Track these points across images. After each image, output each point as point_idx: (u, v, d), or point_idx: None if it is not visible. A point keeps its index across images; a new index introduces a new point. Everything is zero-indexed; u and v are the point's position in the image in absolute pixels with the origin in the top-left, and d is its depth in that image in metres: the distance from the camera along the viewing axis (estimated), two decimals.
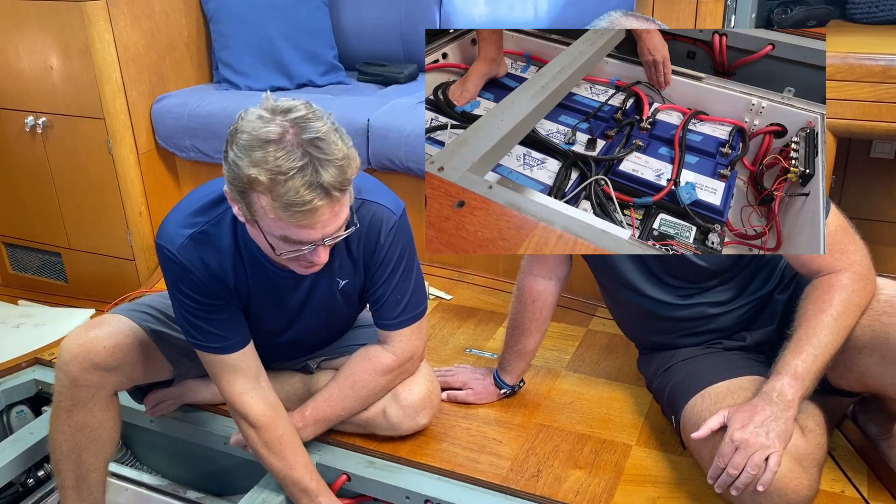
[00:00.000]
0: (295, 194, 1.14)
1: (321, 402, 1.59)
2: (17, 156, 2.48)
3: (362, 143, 2.27)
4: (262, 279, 1.44)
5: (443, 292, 2.32)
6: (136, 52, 2.37)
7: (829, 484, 1.48)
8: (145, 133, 2.45)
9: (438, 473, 1.59)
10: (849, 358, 1.38)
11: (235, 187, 1.20)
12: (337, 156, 1.16)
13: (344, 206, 1.23)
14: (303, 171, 1.13)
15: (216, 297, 1.42)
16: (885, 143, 2.14)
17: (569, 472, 1.57)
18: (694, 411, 1.44)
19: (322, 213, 1.18)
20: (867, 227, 1.58)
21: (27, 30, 2.28)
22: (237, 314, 1.47)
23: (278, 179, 1.13)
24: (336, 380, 1.59)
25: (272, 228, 1.22)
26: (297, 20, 2.58)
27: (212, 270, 1.39)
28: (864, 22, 2.10)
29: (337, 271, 1.48)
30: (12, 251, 2.68)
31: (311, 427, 1.59)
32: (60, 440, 1.56)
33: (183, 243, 1.37)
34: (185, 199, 1.44)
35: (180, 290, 1.41)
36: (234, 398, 1.49)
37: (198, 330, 1.44)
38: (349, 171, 1.18)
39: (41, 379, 2.05)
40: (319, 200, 1.16)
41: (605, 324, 2.09)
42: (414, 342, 1.56)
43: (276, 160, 1.13)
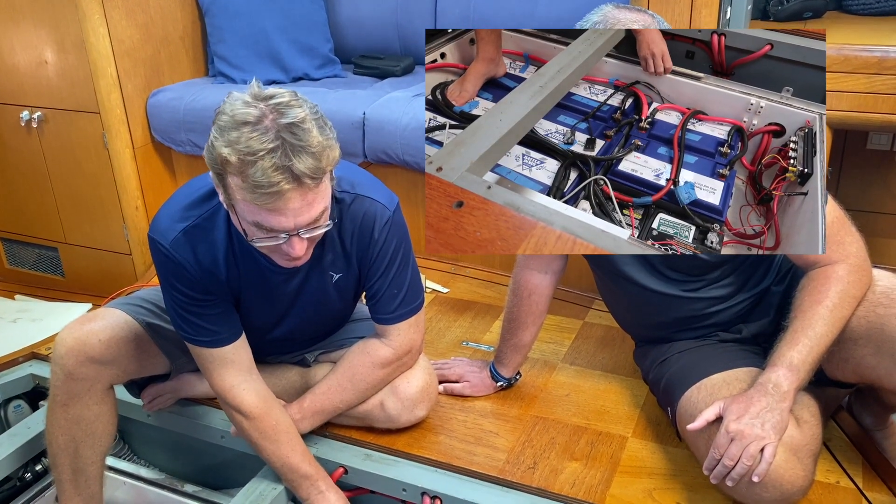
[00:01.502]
0: (262, 175, 1.13)
1: (319, 395, 1.59)
2: (13, 150, 2.47)
3: (358, 137, 2.27)
4: (254, 272, 1.44)
5: (439, 285, 2.32)
6: (131, 45, 2.36)
7: (824, 475, 1.49)
8: (141, 127, 2.44)
9: (435, 466, 1.59)
10: (844, 349, 1.38)
11: (214, 170, 1.21)
12: (311, 143, 1.15)
13: (318, 196, 1.21)
14: (272, 154, 1.13)
15: (207, 292, 1.42)
16: (882, 134, 2.15)
17: (565, 464, 1.57)
18: (690, 403, 1.44)
19: (291, 199, 1.17)
20: (864, 218, 1.59)
21: (22, 24, 2.27)
22: (229, 308, 1.47)
23: (247, 160, 1.13)
24: (334, 372, 1.59)
25: (245, 213, 1.21)
26: (292, 13, 2.57)
27: (204, 265, 1.39)
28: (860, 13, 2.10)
29: (329, 265, 1.48)
30: (9, 246, 2.68)
31: (308, 419, 1.59)
32: (57, 434, 1.57)
33: (176, 237, 1.37)
34: (178, 192, 1.44)
35: (172, 284, 1.41)
36: (225, 391, 1.49)
37: (189, 324, 1.44)
38: (323, 161, 1.17)
39: (38, 373, 2.05)
40: (287, 184, 1.15)
41: (601, 316, 2.10)
42: (412, 335, 1.57)
43: (248, 141, 1.13)
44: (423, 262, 2.40)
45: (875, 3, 2.06)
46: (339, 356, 1.67)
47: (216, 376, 1.49)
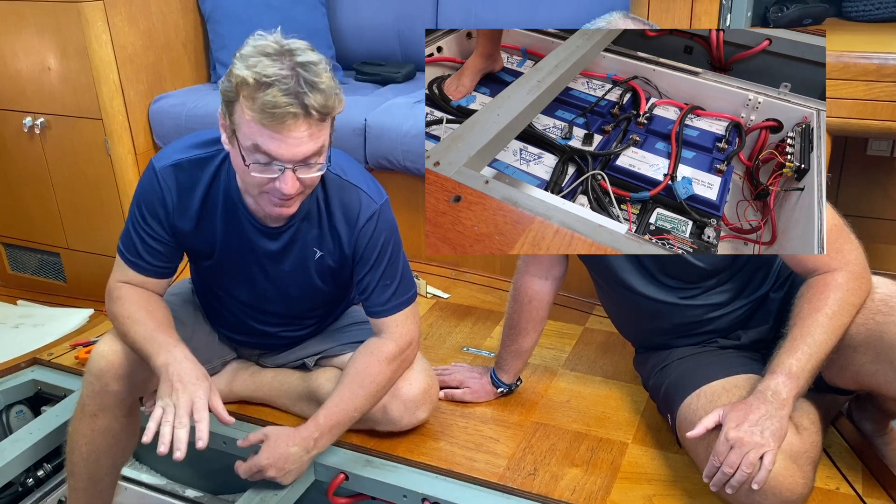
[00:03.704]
0: (273, 98, 1.20)
1: (332, 407, 1.53)
2: (16, 156, 2.48)
3: (359, 143, 2.28)
4: (235, 224, 1.47)
5: (440, 291, 2.32)
6: (134, 52, 2.37)
7: (824, 481, 1.49)
8: (143, 133, 2.45)
9: (436, 472, 1.59)
10: (843, 356, 1.39)
11: (226, 97, 1.27)
12: (324, 82, 1.23)
13: (320, 133, 1.27)
14: (287, 80, 1.21)
15: (168, 226, 1.48)
16: (881, 140, 2.15)
17: (565, 471, 1.57)
18: (689, 410, 1.44)
19: (295, 127, 1.23)
20: (863, 224, 1.59)
21: (25, 31, 2.28)
22: (173, 253, 1.53)
23: (263, 81, 1.21)
24: (342, 382, 1.56)
25: (246, 135, 1.26)
26: (294, 20, 2.58)
27: (181, 198, 1.45)
28: (859, 20, 2.11)
29: (314, 241, 1.50)
30: (11, 251, 2.69)
31: (326, 435, 1.53)
32: (81, 442, 1.56)
33: (167, 165, 1.45)
34: (189, 135, 1.52)
35: (139, 202, 1.48)
36: (113, 284, 1.53)
37: (129, 239, 1.50)
38: (331, 101, 1.24)
39: (40, 379, 2.05)
40: (294, 109, 1.21)
41: (601, 322, 2.10)
42: (410, 326, 1.57)
43: (266, 67, 1.21)
44: (424, 266, 2.41)
45: (874, 10, 2.07)
46: (340, 361, 1.68)
47: (117, 274, 1.53)
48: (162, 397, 1.37)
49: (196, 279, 1.73)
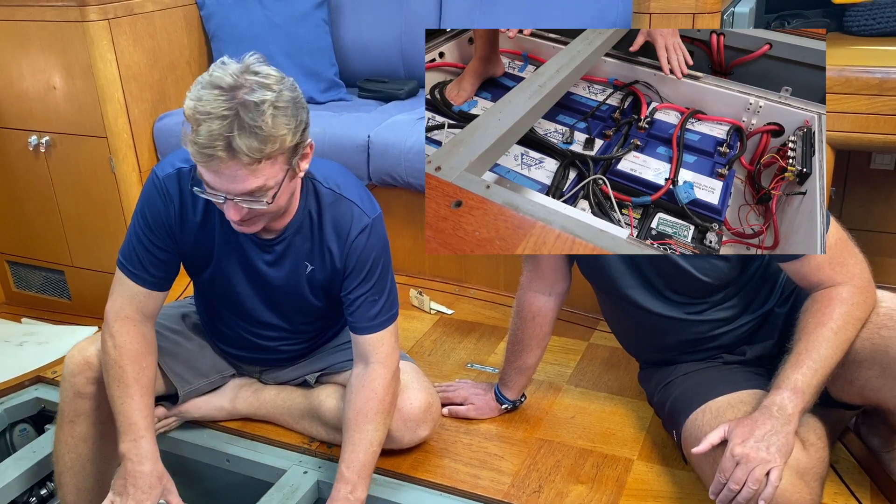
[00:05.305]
0: (202, 137, 1.20)
1: (350, 455, 1.49)
2: (21, 175, 2.49)
3: (363, 159, 2.28)
4: (232, 233, 1.47)
5: (444, 307, 2.32)
6: (139, 71, 2.39)
7: (831, 497, 1.48)
8: (147, 151, 2.46)
9: (440, 490, 1.59)
10: (849, 371, 1.38)
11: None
12: (261, 126, 1.21)
13: (255, 174, 1.25)
14: (221, 121, 1.20)
15: (169, 235, 1.48)
16: (885, 154, 2.15)
17: (570, 488, 1.56)
18: (695, 426, 1.44)
19: (224, 166, 1.23)
20: (867, 238, 1.59)
21: (30, 50, 2.30)
22: (173, 262, 1.52)
23: (198, 118, 1.21)
24: (348, 429, 1.51)
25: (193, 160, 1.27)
26: (297, 38, 2.60)
27: (184, 206, 1.45)
28: (861, 34, 2.11)
29: (305, 255, 1.50)
30: (16, 269, 2.70)
31: (361, 484, 1.49)
32: (63, 452, 1.58)
33: (170, 173, 1.45)
34: None
35: (143, 209, 1.48)
36: (115, 313, 1.50)
37: (131, 249, 1.50)
38: (268, 146, 1.22)
39: (44, 397, 2.05)
40: (221, 152, 1.21)
41: (606, 337, 2.09)
42: (394, 345, 1.55)
43: (206, 103, 1.21)
44: (428, 282, 2.40)
45: (876, 24, 2.07)
46: (342, 378, 1.67)
47: (116, 299, 1.51)
48: (114, 489, 1.44)
49: (197, 298, 1.73)
